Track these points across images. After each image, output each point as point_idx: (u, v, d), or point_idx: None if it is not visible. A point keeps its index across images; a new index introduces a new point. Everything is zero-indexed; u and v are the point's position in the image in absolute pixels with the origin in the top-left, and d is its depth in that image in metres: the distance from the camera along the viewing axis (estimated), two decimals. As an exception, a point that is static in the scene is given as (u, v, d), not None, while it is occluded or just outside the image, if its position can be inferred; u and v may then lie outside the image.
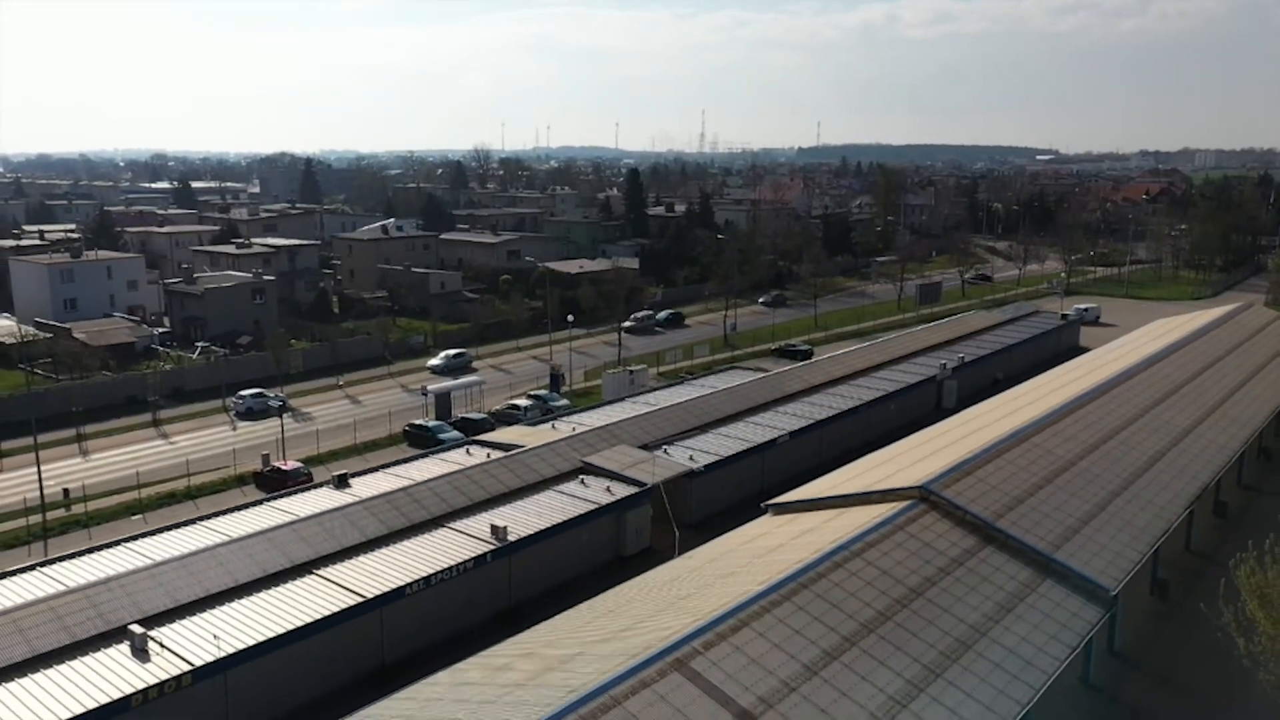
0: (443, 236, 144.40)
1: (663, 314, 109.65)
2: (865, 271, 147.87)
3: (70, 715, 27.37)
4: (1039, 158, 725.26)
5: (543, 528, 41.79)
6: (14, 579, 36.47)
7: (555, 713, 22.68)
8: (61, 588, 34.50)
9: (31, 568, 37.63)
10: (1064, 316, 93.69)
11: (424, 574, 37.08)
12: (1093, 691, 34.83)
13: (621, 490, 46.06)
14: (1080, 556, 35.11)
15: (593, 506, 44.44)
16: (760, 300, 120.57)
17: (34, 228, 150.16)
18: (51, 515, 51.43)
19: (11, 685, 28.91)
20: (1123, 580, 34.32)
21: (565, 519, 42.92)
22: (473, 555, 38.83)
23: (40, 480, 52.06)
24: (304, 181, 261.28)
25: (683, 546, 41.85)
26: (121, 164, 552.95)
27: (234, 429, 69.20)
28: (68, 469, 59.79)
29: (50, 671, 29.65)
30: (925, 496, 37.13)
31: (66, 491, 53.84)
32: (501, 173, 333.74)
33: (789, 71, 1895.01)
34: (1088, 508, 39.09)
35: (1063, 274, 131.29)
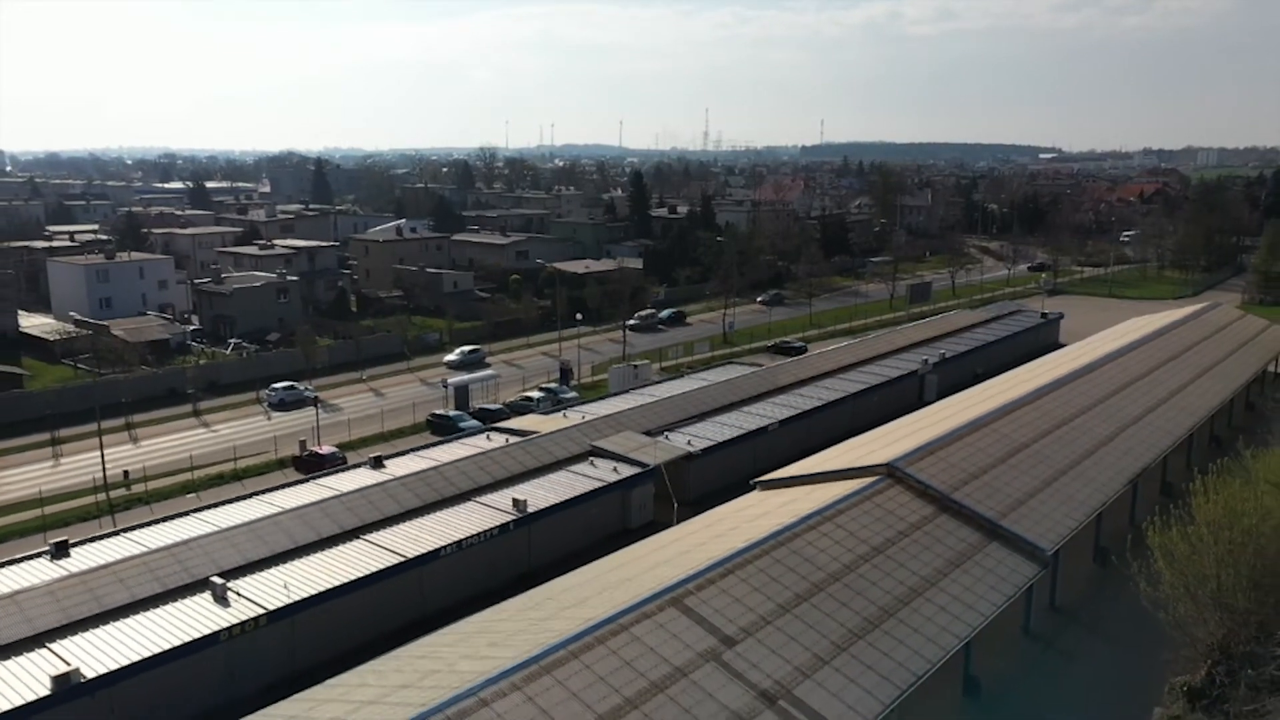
0: (454, 238, 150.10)
1: (665, 312, 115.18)
2: (861, 271, 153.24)
3: (172, 645, 33.10)
4: (1042, 156, 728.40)
5: (557, 501, 47.42)
6: (103, 542, 42.23)
7: (578, 633, 28.37)
8: (146, 549, 40.18)
9: (117, 533, 43.40)
10: (1044, 315, 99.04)
11: (455, 539, 42.73)
12: (1032, 638, 40.46)
13: (627, 470, 51.63)
14: (1023, 523, 40.64)
15: (601, 484, 50.04)
16: (759, 299, 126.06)
17: (62, 229, 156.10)
18: (114, 494, 57.15)
19: (119, 624, 34.64)
20: (1059, 543, 39.88)
21: (577, 494, 48.57)
22: (497, 524, 44.48)
23: (104, 462, 57.80)
24: (315, 182, 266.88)
25: (681, 520, 47.37)
26: (129, 162, 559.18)
27: (268, 419, 74.93)
28: (122, 454, 65.37)
29: (150, 613, 35.40)
30: (892, 472, 42.67)
31: (126, 473, 59.65)
32: (507, 172, 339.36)
33: (792, 69, 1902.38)
34: (1035, 483, 44.62)
35: (1042, 275, 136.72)
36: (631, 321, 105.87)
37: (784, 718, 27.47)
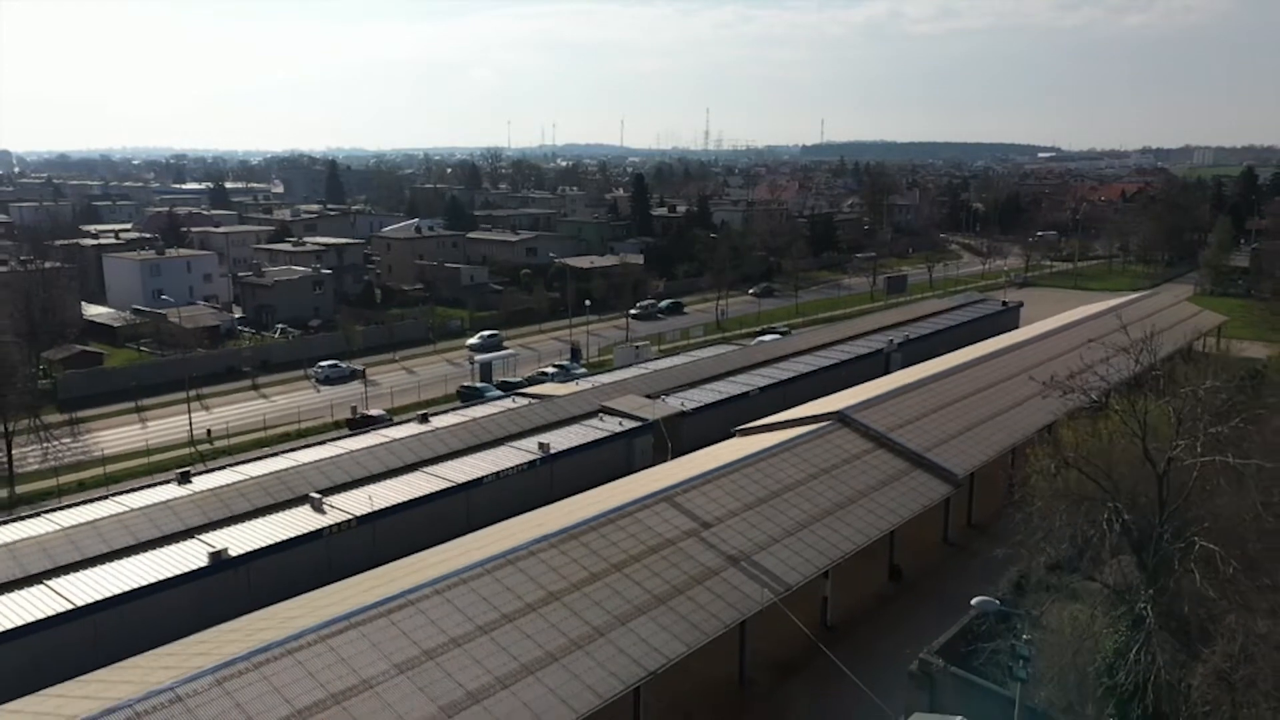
0: (468, 235, 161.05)
1: (664, 303, 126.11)
2: (846, 266, 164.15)
3: (290, 536, 44.11)
4: (1040, 155, 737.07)
5: (574, 445, 58.30)
6: (215, 474, 53.17)
7: (596, 515, 39.31)
8: (252, 476, 51.07)
9: (223, 467, 54.36)
10: (1004, 304, 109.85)
11: (493, 471, 53.59)
12: (949, 546, 51.38)
13: (630, 424, 62.46)
14: (943, 455, 51.51)
15: (609, 434, 60.90)
16: (750, 291, 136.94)
17: (104, 228, 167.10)
18: (201, 449, 68.15)
19: (248, 524, 45.62)
20: (969, 470, 50.78)
21: (589, 441, 59.45)
22: (526, 461, 55.35)
23: (190, 422, 68.74)
24: (328, 183, 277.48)
25: (675, 461, 58.09)
26: (137, 163, 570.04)
27: (317, 391, 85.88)
28: (198, 418, 76.19)
29: (269, 518, 46.37)
30: (842, 418, 53.57)
31: (209, 431, 70.69)
32: (511, 172, 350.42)
33: (793, 67, 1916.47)
34: (958, 428, 55.50)
35: (1006, 270, 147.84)
36: (633, 311, 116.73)
37: (744, 572, 38.39)
